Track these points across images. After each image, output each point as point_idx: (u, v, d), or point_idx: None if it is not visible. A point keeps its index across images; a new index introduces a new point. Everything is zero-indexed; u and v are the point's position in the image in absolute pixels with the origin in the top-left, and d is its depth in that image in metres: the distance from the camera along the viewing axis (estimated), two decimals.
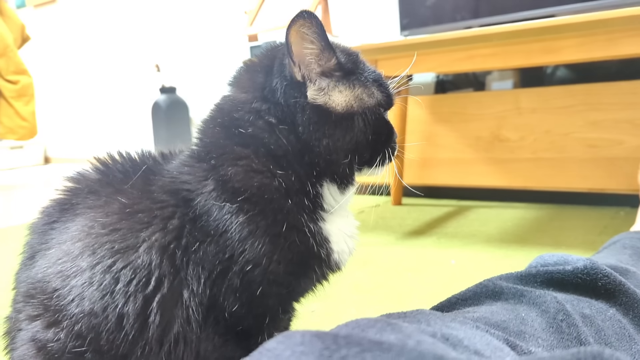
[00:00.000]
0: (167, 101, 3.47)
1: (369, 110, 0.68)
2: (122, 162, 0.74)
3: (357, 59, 0.72)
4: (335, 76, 0.68)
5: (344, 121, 0.67)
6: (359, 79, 0.69)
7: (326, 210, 0.70)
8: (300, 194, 0.68)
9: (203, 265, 0.65)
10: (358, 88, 0.69)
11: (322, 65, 0.68)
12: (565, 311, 0.63)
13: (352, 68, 0.70)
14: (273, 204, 0.66)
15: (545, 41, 1.42)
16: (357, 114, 0.68)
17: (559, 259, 0.76)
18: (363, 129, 0.68)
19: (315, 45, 0.66)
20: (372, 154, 0.70)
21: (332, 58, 0.67)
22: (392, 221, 2.01)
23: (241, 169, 0.66)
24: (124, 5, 3.91)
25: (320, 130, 0.67)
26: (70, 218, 0.70)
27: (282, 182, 0.67)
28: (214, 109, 0.73)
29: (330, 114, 0.67)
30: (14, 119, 2.98)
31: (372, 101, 0.69)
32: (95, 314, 0.63)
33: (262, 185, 0.66)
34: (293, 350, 0.36)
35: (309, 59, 0.67)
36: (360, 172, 0.72)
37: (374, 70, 0.72)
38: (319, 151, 0.67)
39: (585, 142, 1.97)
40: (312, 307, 1.13)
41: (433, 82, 2.43)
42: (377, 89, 0.70)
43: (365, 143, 0.68)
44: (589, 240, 1.59)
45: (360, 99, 0.68)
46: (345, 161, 0.68)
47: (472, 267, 1.41)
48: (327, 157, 0.67)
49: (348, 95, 0.68)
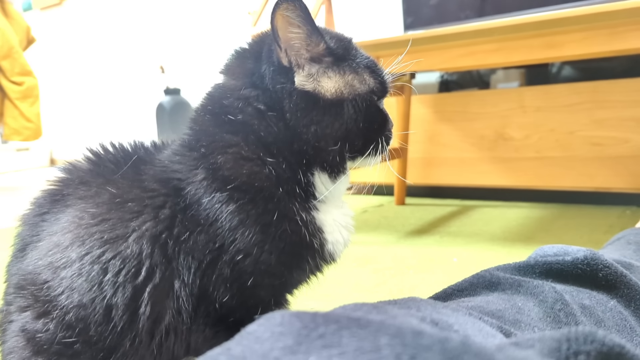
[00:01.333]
0: (172, 102, 3.48)
1: (360, 97, 0.67)
2: (114, 152, 0.73)
3: (349, 45, 0.70)
4: (325, 62, 0.67)
5: (332, 108, 0.66)
6: (350, 65, 0.68)
7: (318, 199, 0.69)
8: (292, 182, 0.66)
9: (193, 255, 0.64)
10: (349, 74, 0.67)
11: (310, 50, 0.66)
12: (563, 301, 0.62)
13: (343, 54, 0.68)
14: (263, 192, 0.65)
15: (548, 36, 1.41)
16: (347, 101, 0.66)
17: (559, 250, 0.74)
18: (353, 116, 0.66)
19: (302, 30, 0.65)
20: (365, 142, 0.68)
21: (320, 43, 0.66)
22: (395, 220, 1.99)
23: (231, 157, 0.65)
24: (129, 8, 3.93)
25: (308, 117, 0.65)
26: (61, 209, 0.70)
27: (273, 170, 0.65)
28: (205, 97, 0.73)
29: (318, 100, 0.66)
30: (19, 120, 2.99)
31: (364, 88, 0.68)
32: (84, 305, 0.62)
33: (252, 173, 0.65)
34: (272, 332, 0.35)
35: (295, 43, 0.65)
36: (354, 160, 0.70)
37: (367, 57, 0.70)
38: (307, 138, 0.66)
39: (590, 140, 1.95)
40: (312, 305, 1.13)
41: (437, 81, 2.42)
42: (369, 76, 0.68)
43: (355, 131, 0.67)
44: (594, 239, 1.56)
45: (350, 85, 0.67)
46: (335, 148, 0.66)
47: (475, 265, 1.40)
48: (316, 145, 0.66)
49: (338, 81, 0.67)
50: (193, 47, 3.54)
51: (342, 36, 0.72)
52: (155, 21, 3.62)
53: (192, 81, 3.57)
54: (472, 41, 1.53)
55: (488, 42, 1.52)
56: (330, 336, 0.32)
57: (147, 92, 3.85)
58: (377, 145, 0.69)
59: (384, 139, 0.70)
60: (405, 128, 2.17)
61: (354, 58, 0.69)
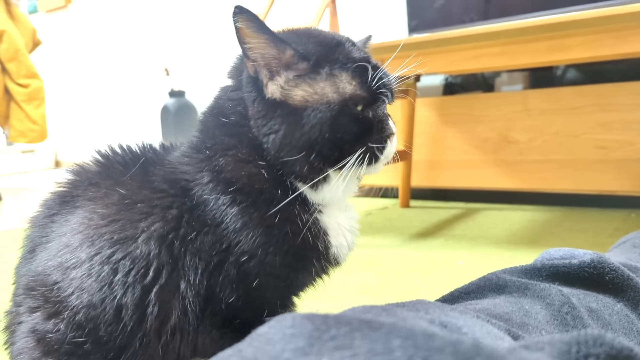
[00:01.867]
0: (176, 105, 3.49)
1: (328, 106, 0.62)
2: (123, 154, 0.74)
3: (332, 48, 0.66)
4: (298, 68, 0.64)
5: (292, 117, 0.63)
6: (327, 71, 0.64)
7: (315, 203, 0.68)
8: (285, 186, 0.66)
9: (200, 256, 0.64)
10: (321, 81, 0.64)
11: (279, 58, 0.64)
12: (570, 304, 0.62)
13: (319, 59, 0.64)
14: (264, 194, 0.65)
15: (553, 39, 1.41)
16: (310, 109, 0.62)
17: (565, 253, 0.74)
18: (317, 125, 0.62)
19: (260, 39, 0.63)
20: (341, 153, 0.63)
21: (285, 50, 0.64)
22: (400, 223, 1.99)
23: (231, 159, 0.66)
24: (134, 10, 3.94)
25: (267, 126, 0.64)
26: (71, 210, 0.70)
27: (266, 173, 0.65)
28: (212, 100, 0.73)
29: (277, 109, 0.64)
30: (25, 122, 3.00)
31: (335, 96, 0.63)
32: (94, 305, 0.63)
33: (252, 175, 0.65)
34: (284, 333, 0.35)
35: (259, 53, 0.64)
36: (336, 170, 0.64)
37: (356, 60, 0.65)
38: (267, 147, 0.64)
39: (595, 143, 1.94)
40: (317, 307, 1.13)
41: (441, 84, 2.42)
42: (351, 82, 0.64)
43: (321, 141, 0.62)
44: (599, 243, 1.56)
45: (320, 93, 0.63)
46: (298, 158, 0.63)
47: (479, 268, 1.39)
48: (276, 154, 0.64)
49: (306, 89, 0.64)
50: (198, 50, 3.55)
51: (327, 39, 0.68)
52: (160, 24, 3.63)
53: (196, 83, 3.58)
54: (477, 44, 1.54)
55: (493, 45, 1.53)
56: (342, 338, 0.32)
57: (151, 94, 3.87)
58: (363, 156, 0.64)
59: (369, 149, 0.64)
60: (410, 131, 2.17)
61: (333, 63, 0.65)
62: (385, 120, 0.66)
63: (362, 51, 0.69)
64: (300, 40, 0.67)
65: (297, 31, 0.72)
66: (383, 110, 0.67)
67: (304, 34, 0.69)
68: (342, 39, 0.69)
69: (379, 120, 0.66)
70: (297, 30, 0.72)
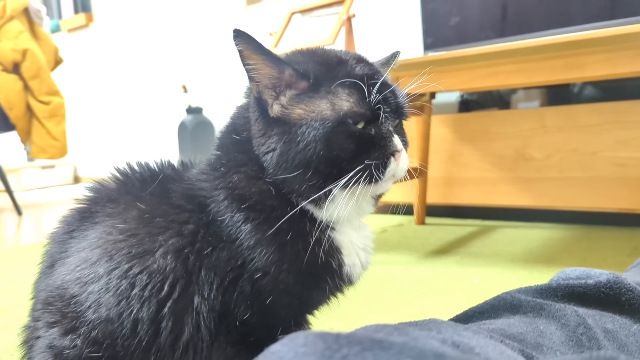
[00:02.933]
0: (194, 121, 3.53)
1: (323, 123, 0.62)
2: (141, 171, 0.75)
3: (333, 65, 0.66)
4: (298, 87, 0.65)
5: (287, 134, 0.63)
6: (326, 89, 0.64)
7: (327, 220, 0.67)
8: (292, 203, 0.66)
9: (215, 271, 0.65)
10: (319, 99, 0.64)
11: (280, 77, 0.65)
12: (586, 325, 0.61)
13: (319, 77, 0.65)
14: (275, 211, 0.65)
15: (570, 57, 1.40)
16: (305, 127, 0.62)
17: (581, 273, 0.73)
18: (312, 143, 0.61)
19: (258, 60, 0.64)
20: (339, 171, 0.62)
21: (284, 69, 0.64)
22: (415, 240, 1.98)
23: (243, 176, 0.67)
24: (153, 29, 4.01)
25: (265, 144, 0.65)
26: (90, 226, 0.71)
27: (273, 190, 0.66)
28: (228, 119, 0.75)
29: (274, 127, 0.65)
30: (46, 139, 3.06)
31: (331, 113, 0.62)
32: (112, 320, 0.64)
33: (262, 192, 0.66)
34: (296, 352, 0.36)
35: (256, 74, 0.65)
36: (340, 188, 0.63)
37: (357, 76, 0.64)
38: (266, 166, 0.65)
39: (614, 161, 1.92)
40: (331, 325, 1.12)
41: (457, 101, 2.42)
42: (349, 98, 0.63)
43: (318, 158, 0.61)
44: (618, 262, 1.54)
45: (318, 111, 0.63)
46: (295, 176, 0.63)
47: (495, 287, 1.38)
48: (274, 172, 0.65)
49: (304, 107, 0.64)
50: (215, 67, 3.59)
51: (328, 57, 0.68)
52: (178, 41, 3.69)
53: (214, 100, 3.62)
54: (492, 62, 1.54)
55: (509, 63, 1.52)
56: (353, 357, 0.33)
57: (169, 111, 3.92)
58: (360, 173, 0.62)
59: (368, 167, 0.62)
60: (425, 148, 2.17)
61: (333, 80, 0.64)
62: (389, 137, 0.64)
63: (369, 68, 0.68)
64: (302, 60, 0.68)
65: (302, 51, 0.72)
66: (387, 127, 0.65)
67: (307, 54, 0.70)
68: (347, 56, 0.69)
69: (381, 137, 0.64)
70: (302, 51, 0.73)
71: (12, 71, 2.97)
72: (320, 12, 2.84)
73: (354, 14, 2.67)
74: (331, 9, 2.78)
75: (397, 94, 0.67)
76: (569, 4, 1.87)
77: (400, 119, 0.68)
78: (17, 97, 2.95)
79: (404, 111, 0.68)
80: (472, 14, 2.15)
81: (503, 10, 2.07)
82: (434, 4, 2.21)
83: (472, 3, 2.13)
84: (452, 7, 2.18)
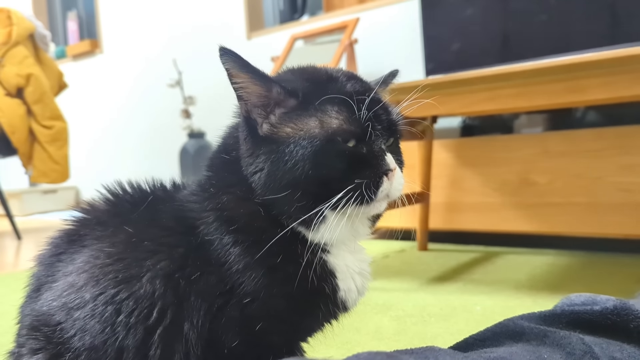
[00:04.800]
0: (196, 146, 3.53)
1: (311, 141, 0.60)
2: (132, 192, 0.73)
3: (319, 85, 0.65)
4: (287, 106, 0.64)
5: (275, 154, 0.61)
6: (314, 107, 0.62)
7: (319, 242, 0.64)
8: (282, 225, 0.63)
9: (203, 297, 0.62)
10: (307, 117, 0.62)
11: (267, 96, 0.64)
12: (592, 353, 0.58)
13: (308, 94, 0.63)
14: (265, 233, 0.63)
15: (571, 80, 1.40)
16: (294, 145, 0.61)
17: (587, 299, 0.70)
18: (300, 162, 0.60)
19: (243, 78, 0.63)
20: (329, 191, 0.60)
21: (272, 87, 0.63)
22: (417, 266, 1.95)
23: (232, 197, 0.65)
24: (157, 56, 4.05)
25: (253, 164, 0.64)
26: (77, 249, 0.69)
27: (263, 211, 0.63)
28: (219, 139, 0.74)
29: (261, 146, 0.63)
30: (47, 163, 3.06)
31: (319, 131, 0.61)
32: (96, 347, 0.61)
33: (251, 213, 0.64)
34: None
35: (243, 92, 0.64)
36: (334, 208, 0.60)
37: (345, 93, 0.62)
38: (255, 186, 0.63)
39: (618, 186, 1.90)
40: (329, 353, 1.09)
41: (459, 126, 2.41)
42: (337, 118, 0.61)
43: (306, 178, 0.59)
44: (625, 289, 1.50)
45: (305, 129, 0.61)
46: (284, 196, 0.61)
47: (498, 314, 1.35)
48: (262, 193, 0.63)
49: (292, 126, 0.62)
50: (218, 92, 3.61)
51: (319, 74, 0.67)
52: (182, 68, 3.71)
53: (217, 125, 3.63)
54: (492, 85, 1.53)
55: (509, 87, 1.52)
56: None
57: (172, 136, 3.93)
58: (350, 193, 0.60)
59: (358, 186, 0.60)
60: (427, 172, 2.15)
61: (322, 97, 0.62)
62: (381, 156, 0.62)
63: (360, 85, 0.66)
64: (292, 78, 0.67)
65: (293, 69, 0.71)
66: (380, 145, 0.63)
67: (298, 72, 0.69)
68: (338, 73, 0.67)
69: (373, 155, 0.62)
70: (293, 69, 0.72)
71: (15, 96, 2.98)
72: (322, 39, 2.86)
73: (356, 39, 2.70)
74: (333, 35, 2.81)
75: (389, 111, 0.65)
76: (570, 30, 1.87)
77: (394, 137, 0.66)
78: (20, 122, 2.96)
79: (397, 129, 0.66)
80: (473, 40, 2.16)
81: (504, 37, 2.08)
82: (435, 30, 2.22)
83: (473, 29, 2.14)
84: (453, 33, 2.19)
